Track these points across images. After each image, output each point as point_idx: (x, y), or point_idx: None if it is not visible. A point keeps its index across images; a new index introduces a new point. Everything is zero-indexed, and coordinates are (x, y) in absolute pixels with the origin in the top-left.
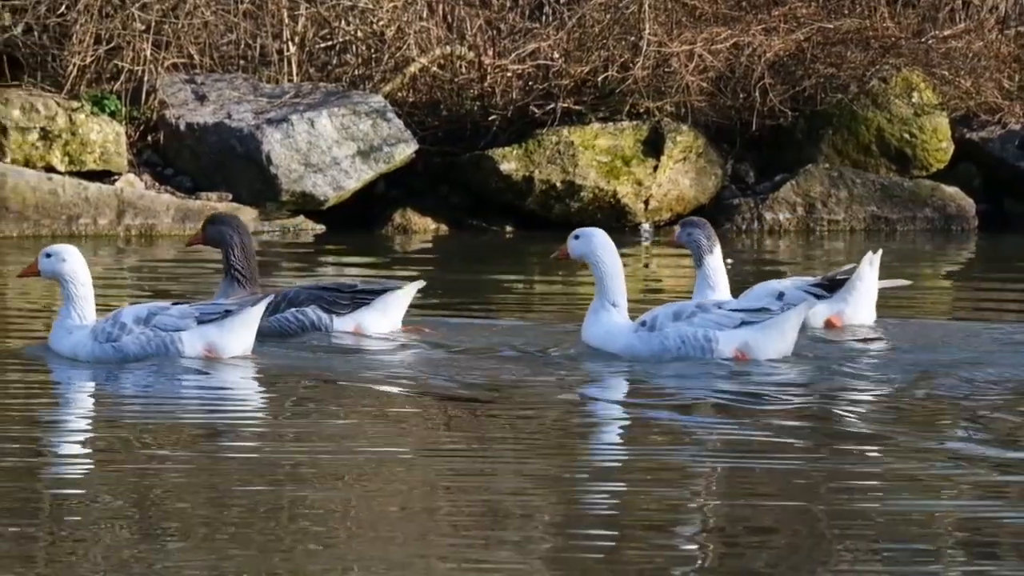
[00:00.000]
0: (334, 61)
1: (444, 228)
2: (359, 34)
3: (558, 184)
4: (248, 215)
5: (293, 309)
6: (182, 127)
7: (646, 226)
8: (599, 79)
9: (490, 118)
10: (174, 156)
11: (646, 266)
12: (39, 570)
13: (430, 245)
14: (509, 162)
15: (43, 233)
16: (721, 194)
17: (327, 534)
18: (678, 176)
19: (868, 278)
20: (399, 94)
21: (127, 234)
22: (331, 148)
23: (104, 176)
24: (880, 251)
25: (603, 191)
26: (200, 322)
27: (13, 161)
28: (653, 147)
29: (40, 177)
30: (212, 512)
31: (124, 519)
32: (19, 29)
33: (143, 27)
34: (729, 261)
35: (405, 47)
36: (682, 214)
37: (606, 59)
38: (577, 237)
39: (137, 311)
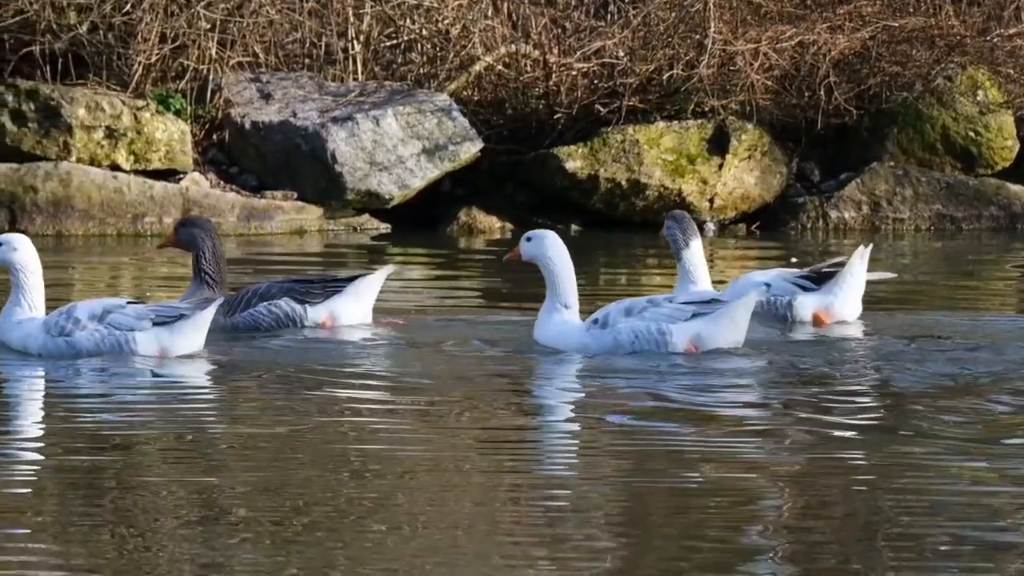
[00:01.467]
0: (399, 60)
1: (509, 227)
2: (424, 32)
3: (623, 183)
4: (313, 214)
5: (266, 303)
6: (247, 126)
7: (711, 225)
8: (664, 77)
9: (555, 117)
10: (239, 155)
11: (711, 266)
12: None
13: (495, 244)
14: (574, 161)
15: (108, 232)
16: (786, 192)
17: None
18: (743, 174)
19: (859, 272)
20: (464, 93)
21: None
22: (396, 147)
23: (169, 175)
24: (871, 245)
25: (668, 189)
26: (155, 324)
27: (79, 160)
28: (718, 145)
29: (106, 176)
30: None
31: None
32: (84, 28)
33: (208, 26)
34: (794, 259)
35: (470, 45)
36: (747, 213)
37: (671, 57)
38: (529, 239)
39: (92, 307)
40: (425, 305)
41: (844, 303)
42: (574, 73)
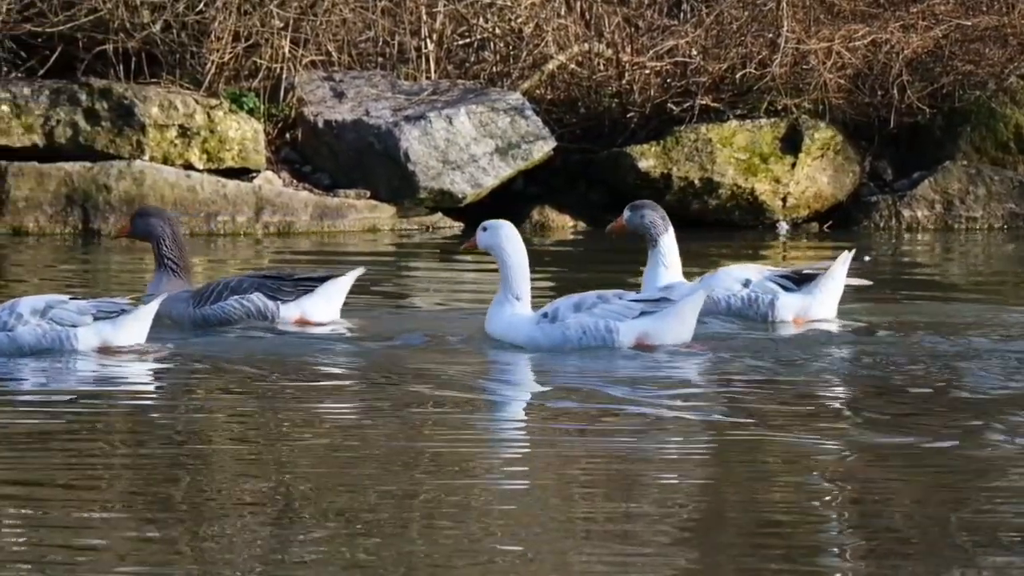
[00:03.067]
0: (472, 58)
1: (582, 225)
2: (497, 31)
3: (696, 181)
4: (386, 213)
5: (236, 296)
6: (320, 124)
7: (784, 223)
8: (737, 76)
9: (628, 115)
10: (312, 153)
11: (784, 264)
12: None
13: (568, 243)
14: (647, 159)
15: (181, 231)
16: (859, 191)
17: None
18: (816, 173)
19: (840, 276)
20: (537, 91)
21: (265, 231)
22: (469, 145)
23: (242, 173)
24: (854, 250)
25: (741, 188)
26: (97, 319)
27: (152, 158)
28: (791, 144)
29: (179, 174)
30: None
31: None
32: (158, 27)
33: (281, 24)
34: (867, 257)
35: (543, 44)
36: (820, 211)
37: (744, 56)
38: (485, 229)
39: (34, 302)
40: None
41: (823, 305)
42: (647, 72)
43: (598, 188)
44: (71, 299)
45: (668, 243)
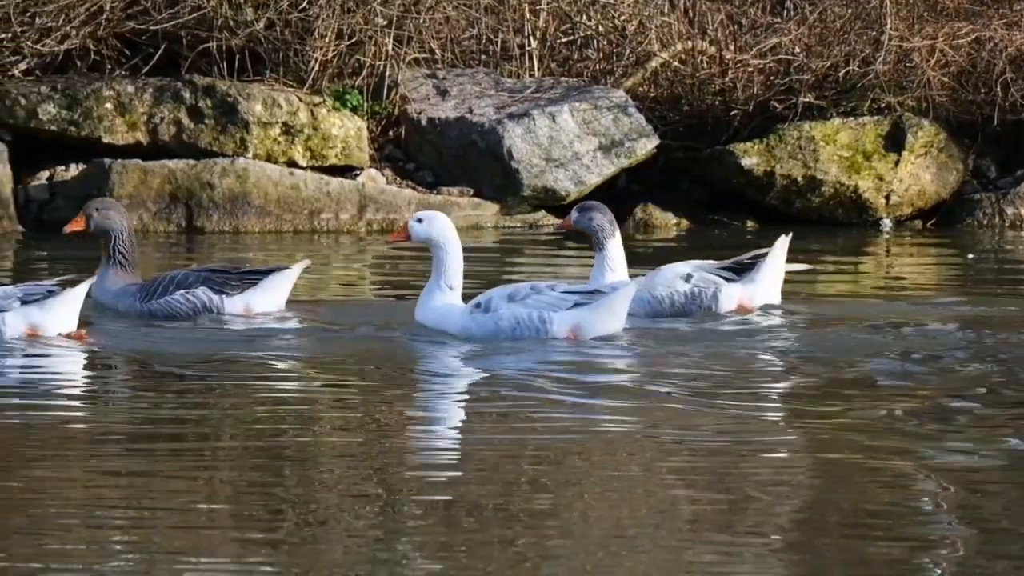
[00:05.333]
0: (575, 56)
1: (685, 223)
2: (600, 29)
3: (799, 179)
4: (489, 210)
5: (182, 291)
6: (423, 122)
7: (887, 221)
8: (840, 74)
9: (731, 113)
10: (415, 151)
11: (888, 263)
12: None
13: (671, 241)
14: (750, 157)
15: (284, 228)
16: (962, 189)
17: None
18: (919, 171)
19: (779, 261)
20: (640, 89)
21: (368, 229)
22: (572, 143)
23: (346, 171)
24: (791, 235)
25: (844, 186)
26: (23, 303)
27: (255, 156)
28: (894, 142)
29: (282, 172)
30: None
31: None
32: (261, 24)
33: (385, 22)
34: (971, 256)
35: (646, 42)
36: (923, 209)
37: (847, 54)
38: (420, 220)
39: None
40: None
41: (766, 291)
42: (750, 69)
43: (701, 186)
44: None
45: (614, 247)
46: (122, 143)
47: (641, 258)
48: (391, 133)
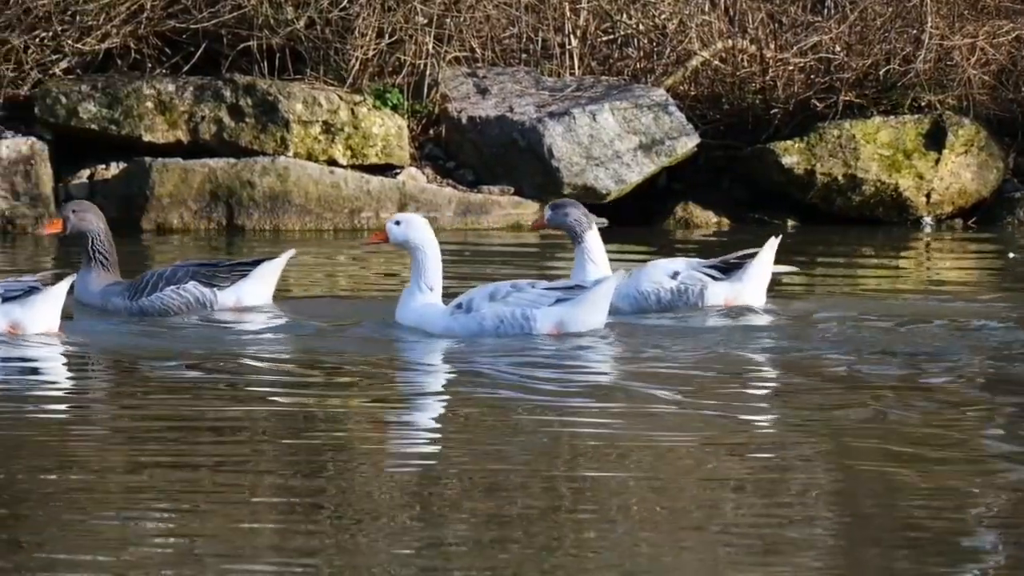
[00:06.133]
0: (615, 55)
1: (726, 222)
2: (641, 27)
3: (840, 178)
4: (530, 208)
5: (173, 287)
6: (464, 120)
7: (927, 219)
8: (881, 72)
9: (771, 112)
10: (456, 149)
11: (927, 260)
12: None
13: (712, 239)
14: (791, 156)
15: (325, 227)
16: (1003, 187)
17: None
18: (960, 169)
19: (767, 262)
20: (681, 88)
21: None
22: (613, 141)
23: (386, 170)
24: (780, 236)
25: (885, 185)
26: (4, 300)
27: (295, 155)
28: (934, 140)
29: (322, 171)
30: None
31: None
32: (302, 23)
33: (425, 21)
34: (1011, 255)
35: (687, 41)
36: (964, 207)
37: (888, 52)
38: (398, 223)
39: None
40: None
41: (752, 291)
42: (791, 68)
43: (742, 184)
44: None
45: (592, 239)
46: (162, 142)
47: (679, 255)
48: (431, 132)
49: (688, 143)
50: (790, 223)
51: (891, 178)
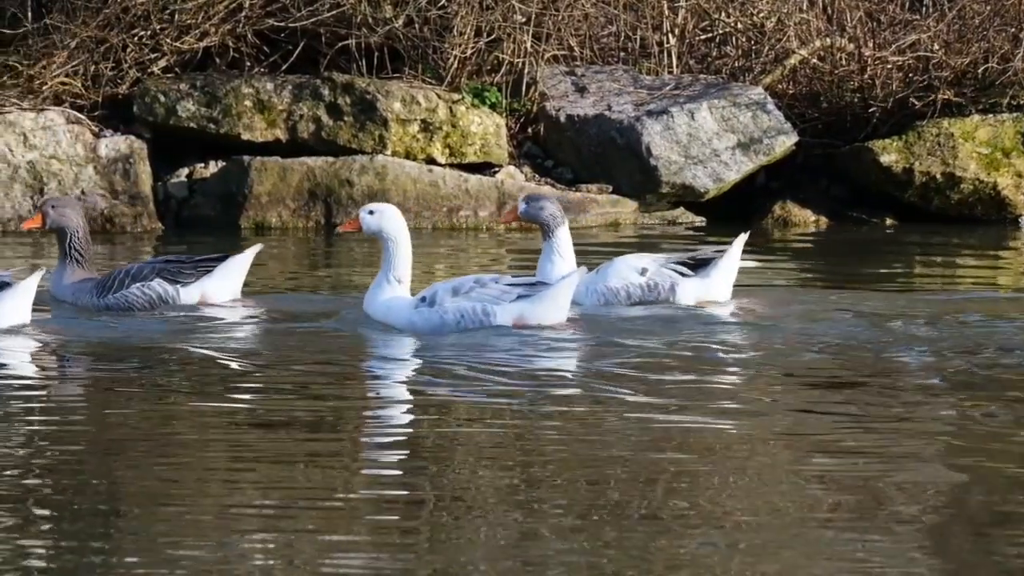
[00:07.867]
0: (714, 53)
1: (824, 220)
2: (739, 26)
3: (938, 176)
4: (628, 207)
5: (138, 284)
6: (562, 119)
7: None
8: (979, 71)
9: (870, 110)
10: (554, 148)
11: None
12: None
13: (810, 237)
14: (889, 154)
15: (423, 225)
16: None
17: None
18: None
19: (735, 258)
20: (779, 86)
21: (507, 227)
22: (711, 140)
23: (484, 168)
24: (748, 232)
25: (983, 183)
26: None
27: (394, 153)
28: None
29: (421, 169)
30: None
31: None
32: (400, 22)
33: (523, 19)
34: None
35: (785, 39)
36: None
37: (986, 51)
38: (372, 212)
39: None
40: None
41: (720, 286)
42: (889, 66)
43: (840, 183)
44: None
45: (563, 235)
46: (261, 140)
47: (778, 253)
48: (529, 130)
49: (786, 141)
50: (888, 222)
51: (989, 176)
